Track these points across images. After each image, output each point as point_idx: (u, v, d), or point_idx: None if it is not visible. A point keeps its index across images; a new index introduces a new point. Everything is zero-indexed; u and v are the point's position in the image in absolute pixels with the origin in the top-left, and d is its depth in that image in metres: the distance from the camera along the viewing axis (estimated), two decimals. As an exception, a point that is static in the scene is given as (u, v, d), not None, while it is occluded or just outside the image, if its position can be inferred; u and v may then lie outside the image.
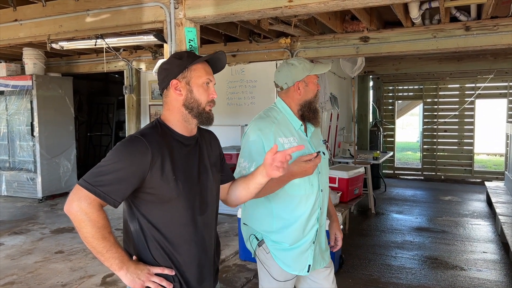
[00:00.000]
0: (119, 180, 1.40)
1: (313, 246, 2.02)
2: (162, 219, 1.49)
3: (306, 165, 1.81)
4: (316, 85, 2.07)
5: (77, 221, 1.38)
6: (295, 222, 1.98)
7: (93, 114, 10.39)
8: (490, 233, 5.36)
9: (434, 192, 8.00)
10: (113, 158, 1.43)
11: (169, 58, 1.57)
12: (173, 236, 1.50)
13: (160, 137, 1.50)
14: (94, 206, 1.38)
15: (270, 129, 1.96)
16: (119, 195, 1.41)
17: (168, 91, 1.54)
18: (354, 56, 5.73)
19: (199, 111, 1.53)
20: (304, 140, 2.05)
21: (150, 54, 6.66)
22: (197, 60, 1.53)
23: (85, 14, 3.80)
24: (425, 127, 9.53)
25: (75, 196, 1.39)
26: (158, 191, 1.46)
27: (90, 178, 1.40)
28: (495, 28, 4.72)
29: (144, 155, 1.42)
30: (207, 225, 1.60)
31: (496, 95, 8.97)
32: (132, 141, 1.45)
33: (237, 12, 3.19)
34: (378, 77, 9.62)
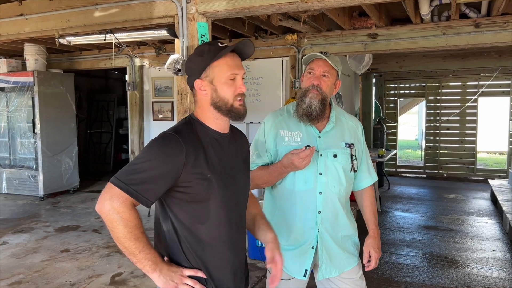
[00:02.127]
0: (153, 178, 1.35)
1: (312, 251, 1.95)
2: (196, 219, 1.43)
3: (292, 157, 1.82)
4: (308, 77, 1.97)
5: (109, 220, 1.33)
6: (290, 219, 1.97)
7: (93, 111, 10.29)
8: (498, 231, 5.34)
9: (438, 190, 7.98)
10: (146, 156, 1.38)
11: (192, 56, 1.51)
12: (207, 237, 1.45)
13: (194, 134, 1.45)
14: (126, 205, 1.33)
15: (274, 121, 2.02)
16: (152, 194, 1.36)
17: (195, 90, 1.50)
18: (362, 53, 5.68)
19: (227, 109, 1.47)
20: (312, 137, 1.98)
21: (154, 50, 6.57)
22: (218, 56, 1.45)
23: (94, 9, 3.71)
24: (428, 125, 9.50)
25: (107, 195, 1.33)
26: (192, 190, 1.40)
27: (123, 176, 1.34)
28: (505, 25, 4.68)
29: (178, 153, 1.37)
30: (240, 226, 1.55)
31: (499, 93, 8.96)
32: (166, 138, 1.40)
33: (251, 7, 3.12)
34: (381, 75, 9.58)
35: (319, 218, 1.94)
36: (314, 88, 1.93)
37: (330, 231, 1.97)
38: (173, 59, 3.28)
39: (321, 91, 1.94)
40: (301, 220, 1.95)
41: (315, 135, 1.99)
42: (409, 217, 6.00)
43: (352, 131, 2.08)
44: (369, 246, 2.03)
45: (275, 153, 2.00)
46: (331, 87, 2.00)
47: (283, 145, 1.98)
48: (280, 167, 1.90)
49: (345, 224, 2.02)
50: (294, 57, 5.71)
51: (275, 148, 2.00)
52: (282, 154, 1.94)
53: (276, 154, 1.99)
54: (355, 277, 2.02)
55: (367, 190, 2.14)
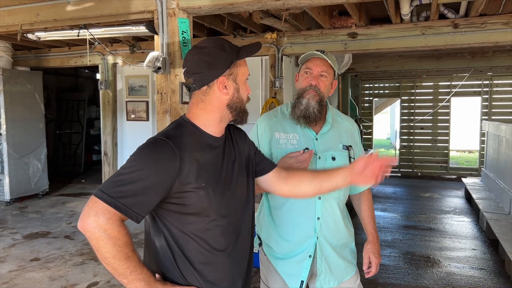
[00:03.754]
0: (143, 190, 1.20)
1: (309, 260, 1.85)
2: (192, 232, 1.30)
3: (289, 161, 1.72)
4: (305, 77, 1.88)
5: (95, 239, 1.17)
6: (285, 227, 1.86)
7: (62, 111, 9.89)
8: (475, 229, 5.42)
9: (414, 189, 8.08)
10: (135, 165, 1.22)
11: (209, 48, 1.32)
12: (204, 251, 1.32)
13: (188, 138, 1.30)
14: (114, 221, 1.17)
15: (268, 123, 1.91)
16: (143, 208, 1.21)
17: (210, 88, 1.33)
18: (342, 52, 5.64)
19: (241, 111, 1.37)
20: (309, 139, 1.88)
21: (128, 48, 6.33)
22: (243, 54, 1.34)
23: (65, 2, 3.49)
24: (402, 124, 9.62)
25: (92, 211, 1.17)
26: (187, 201, 1.27)
27: (109, 188, 1.18)
28: (483, 26, 4.74)
29: (171, 160, 1.23)
30: (241, 234, 1.42)
31: (471, 93, 9.17)
32: (157, 144, 1.25)
33: (236, 3, 2.99)
34: (356, 75, 9.63)
35: (318, 225, 1.84)
36: (312, 88, 1.84)
37: (329, 239, 1.87)
38: (152, 56, 3.11)
39: (319, 92, 1.84)
40: (299, 227, 1.85)
41: (312, 137, 1.89)
42: (389, 217, 6.02)
43: (349, 133, 1.99)
44: (369, 251, 1.96)
45: (270, 156, 1.88)
46: (328, 87, 1.91)
47: (278, 148, 1.87)
48: None
49: (343, 231, 1.93)
50: (274, 56, 5.61)
51: (270, 151, 1.88)
52: (277, 158, 1.84)
53: (271, 158, 1.87)
54: (353, 286, 1.94)
55: (365, 194, 2.07)
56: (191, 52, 1.35)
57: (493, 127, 6.74)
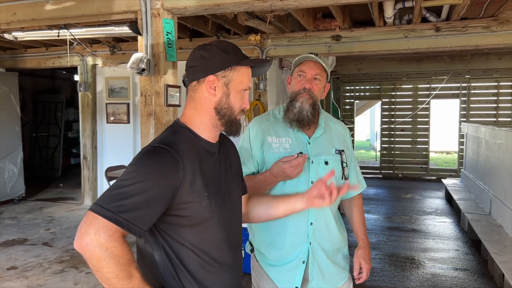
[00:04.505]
0: (146, 203, 1.12)
1: (302, 266, 1.81)
2: (193, 245, 1.24)
3: (283, 165, 1.68)
4: (298, 80, 1.84)
5: (95, 259, 1.07)
6: (278, 234, 1.81)
7: (39, 114, 9.62)
8: (457, 230, 5.49)
9: (395, 191, 8.16)
10: (136, 176, 1.14)
11: (212, 47, 1.28)
12: (206, 263, 1.26)
13: (187, 145, 1.24)
14: (116, 238, 1.08)
15: (260, 127, 1.85)
16: (146, 222, 1.13)
17: (199, 84, 1.28)
18: (326, 55, 5.64)
19: (230, 120, 1.30)
20: (301, 143, 1.84)
21: (108, 49, 6.19)
22: (246, 62, 1.28)
23: (45, 1, 3.37)
24: (383, 126, 9.73)
25: (91, 228, 1.07)
26: (189, 212, 1.20)
27: (109, 202, 1.10)
28: (464, 30, 4.81)
29: (174, 170, 1.16)
30: (238, 245, 1.38)
31: (449, 96, 9.34)
32: (158, 153, 1.18)
33: (222, 4, 2.94)
34: (338, 77, 9.69)
35: (311, 230, 1.80)
36: (306, 91, 1.80)
37: (322, 244, 1.83)
38: (136, 57, 3.02)
39: (312, 95, 1.81)
40: (292, 233, 1.80)
41: (305, 141, 1.85)
42: (372, 219, 6.05)
43: (341, 137, 1.96)
44: (360, 257, 1.93)
45: (262, 161, 1.83)
46: (321, 91, 1.88)
47: (271, 152, 1.82)
48: (269, 177, 1.75)
49: (336, 236, 1.90)
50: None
51: (262, 155, 1.83)
52: (270, 162, 1.79)
53: (264, 162, 1.83)
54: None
55: (356, 199, 2.04)
56: (195, 49, 1.30)
57: (473, 129, 6.87)
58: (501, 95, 8.99)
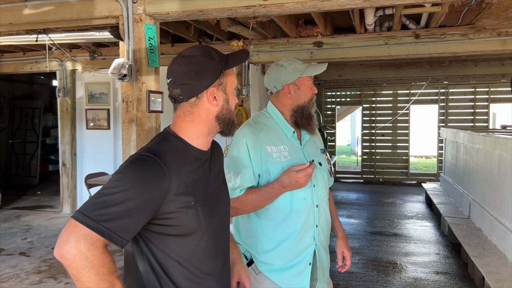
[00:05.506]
0: (129, 212, 1.09)
1: (309, 268, 1.80)
2: (179, 255, 1.21)
3: (297, 175, 1.64)
4: (311, 88, 1.88)
5: (75, 268, 1.05)
6: (285, 240, 1.78)
7: (15, 120, 9.38)
8: (437, 234, 5.57)
9: (376, 195, 8.24)
10: (120, 185, 1.11)
11: (197, 57, 1.24)
12: (192, 275, 1.23)
13: (175, 153, 1.21)
14: (97, 247, 1.06)
15: (257, 136, 1.78)
16: (129, 232, 1.11)
17: (199, 99, 1.24)
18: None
19: (230, 122, 1.29)
20: (297, 149, 1.86)
21: (88, 54, 6.09)
22: (232, 63, 1.27)
23: (23, 6, 3.30)
24: (364, 131, 9.84)
25: (71, 236, 1.05)
26: (174, 222, 1.18)
27: (91, 210, 1.07)
28: (443, 37, 4.91)
29: (160, 179, 1.13)
30: (226, 256, 1.35)
31: (428, 101, 9.52)
32: (144, 162, 1.15)
33: (205, 9, 2.93)
34: (319, 83, 9.76)
35: (316, 233, 1.82)
36: (313, 97, 1.89)
37: (324, 244, 1.86)
38: (117, 63, 2.98)
39: None
40: (301, 238, 1.79)
41: (299, 146, 1.87)
42: (355, 223, 6.09)
43: (319, 137, 2.05)
44: (342, 246, 2.01)
45: (265, 172, 1.77)
46: None
47: (273, 162, 1.77)
48: (278, 188, 1.69)
49: (328, 233, 1.94)
50: (241, 64, 5.56)
51: (265, 166, 1.77)
52: (273, 173, 1.75)
53: (267, 173, 1.77)
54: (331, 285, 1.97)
55: (329, 193, 2.10)
56: (176, 61, 1.26)
57: (451, 134, 7.00)
58: (478, 101, 9.21)
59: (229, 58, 1.28)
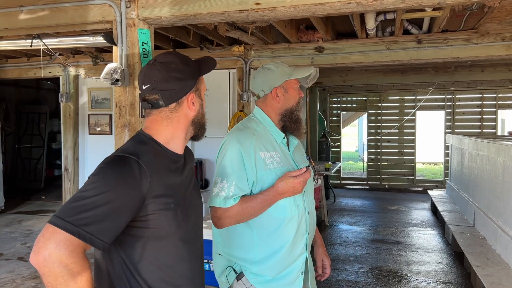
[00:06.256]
0: (111, 215, 1.06)
1: (301, 278, 1.76)
2: (157, 258, 1.18)
3: (294, 181, 1.60)
4: (298, 91, 1.85)
5: (52, 276, 1.00)
6: (279, 250, 1.72)
7: (22, 125, 9.47)
8: (441, 242, 5.46)
9: (381, 202, 8.13)
10: (100, 187, 1.08)
11: (177, 64, 1.25)
12: (169, 277, 1.20)
13: (154, 155, 1.20)
14: (77, 254, 1.03)
15: (251, 142, 1.72)
16: (111, 235, 1.08)
17: (179, 105, 1.25)
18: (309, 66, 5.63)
19: (202, 126, 1.33)
20: (287, 155, 1.82)
21: (90, 59, 6.11)
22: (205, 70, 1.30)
23: (18, 11, 3.30)
24: (370, 137, 9.74)
25: (50, 242, 1.01)
26: (153, 224, 1.15)
27: (70, 215, 1.03)
28: (445, 42, 4.84)
29: (141, 180, 1.11)
30: (201, 260, 1.34)
31: (435, 107, 9.39)
32: (124, 162, 1.12)
33: (198, 14, 2.90)
34: (324, 89, 9.71)
35: (308, 240, 1.79)
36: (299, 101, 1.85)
37: (310, 250, 1.84)
38: (110, 68, 2.97)
39: None
40: (291, 246, 1.73)
41: (289, 152, 1.84)
42: (357, 231, 6.00)
43: (301, 143, 2.03)
44: (322, 255, 1.97)
45: (259, 179, 1.70)
46: None
47: (266, 169, 1.71)
48: (274, 195, 1.63)
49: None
50: (241, 69, 5.54)
51: (260, 173, 1.71)
52: (267, 180, 1.69)
53: (261, 180, 1.70)
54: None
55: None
56: (155, 67, 1.24)
57: (457, 140, 6.89)
58: (485, 107, 9.06)
59: (201, 64, 1.29)
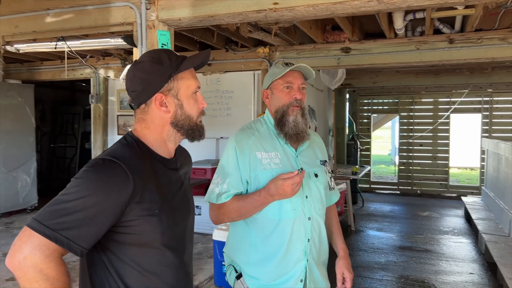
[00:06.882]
0: (90, 220, 1.04)
1: (300, 285, 1.70)
2: (140, 264, 1.15)
3: (283, 184, 1.53)
4: (288, 93, 1.73)
5: (27, 280, 0.99)
6: (274, 255, 1.68)
7: (57, 125, 9.80)
8: (474, 251, 5.20)
9: (412, 208, 7.87)
10: (81, 191, 1.05)
11: (144, 63, 1.20)
12: (151, 284, 1.17)
13: (139, 159, 1.16)
14: (53, 259, 1.01)
15: (247, 142, 1.71)
16: (89, 240, 1.05)
17: (148, 106, 1.20)
18: (335, 67, 5.53)
19: (191, 127, 1.23)
20: (290, 157, 1.75)
21: (119, 61, 6.24)
22: (184, 66, 1.20)
23: (45, 14, 3.40)
24: (401, 141, 9.45)
25: (26, 246, 0.99)
26: (136, 230, 1.12)
27: (49, 219, 1.02)
28: (479, 41, 4.62)
29: (123, 185, 1.08)
30: (188, 269, 1.30)
31: (471, 110, 9.01)
32: (107, 166, 1.09)
33: (216, 15, 2.89)
34: (354, 90, 9.52)
35: (308, 247, 1.71)
36: (297, 103, 1.72)
37: (316, 260, 1.75)
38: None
39: (302, 106, 1.75)
40: (290, 252, 1.69)
41: (293, 154, 1.77)
42: (384, 237, 5.81)
43: (320, 147, 1.92)
44: (342, 267, 1.83)
45: (253, 178, 1.69)
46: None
47: (262, 169, 1.69)
48: (264, 196, 1.60)
49: (325, 248, 1.82)
50: (266, 71, 5.48)
51: (254, 173, 1.69)
52: (262, 180, 1.66)
53: (255, 180, 1.69)
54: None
55: (333, 207, 2.00)
56: (129, 68, 1.23)
57: (493, 145, 6.57)
58: (526, 110, 8.62)
59: (184, 61, 1.21)
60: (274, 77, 1.76)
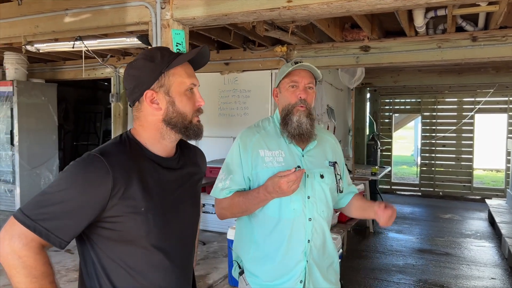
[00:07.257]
0: (69, 212, 1.07)
1: (300, 286, 1.68)
2: (126, 263, 1.15)
3: (279, 181, 1.51)
4: (293, 92, 1.72)
5: (8, 266, 1.04)
6: (273, 253, 1.68)
7: (80, 123, 10.01)
8: (496, 256, 5.04)
9: (433, 210, 7.69)
10: (61, 184, 1.09)
11: (138, 61, 1.21)
12: (137, 284, 1.17)
13: (127, 156, 1.17)
14: (31, 247, 1.05)
15: (251, 139, 1.73)
16: (68, 233, 1.08)
17: (140, 104, 1.21)
18: (354, 66, 5.45)
19: (184, 126, 1.21)
20: (296, 156, 1.73)
21: (139, 61, 6.31)
22: (176, 62, 1.19)
23: (64, 14, 3.45)
24: (423, 141, 9.26)
25: (7, 234, 1.05)
26: (120, 227, 1.12)
27: (30, 209, 1.06)
28: (504, 39, 4.46)
29: (103, 180, 1.09)
30: (181, 268, 1.27)
31: (496, 110, 8.75)
32: (89, 161, 1.11)
33: (230, 13, 2.87)
34: (375, 90, 9.36)
35: (308, 248, 1.69)
36: (302, 103, 1.70)
37: (318, 262, 1.73)
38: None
39: (308, 106, 1.72)
40: (289, 252, 1.68)
41: (299, 154, 1.74)
42: (403, 239, 5.70)
43: (332, 148, 1.88)
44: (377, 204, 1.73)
45: (255, 176, 1.71)
46: (313, 99, 1.77)
47: (264, 167, 1.70)
48: (263, 193, 1.61)
49: (330, 251, 1.79)
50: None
51: (255, 170, 1.71)
52: (263, 177, 1.67)
53: (257, 178, 1.70)
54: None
55: (356, 195, 1.96)
56: (126, 66, 1.24)
57: (518, 146, 6.36)
58: (555, 110, 8.30)
59: (177, 58, 1.20)
60: (281, 76, 1.75)
